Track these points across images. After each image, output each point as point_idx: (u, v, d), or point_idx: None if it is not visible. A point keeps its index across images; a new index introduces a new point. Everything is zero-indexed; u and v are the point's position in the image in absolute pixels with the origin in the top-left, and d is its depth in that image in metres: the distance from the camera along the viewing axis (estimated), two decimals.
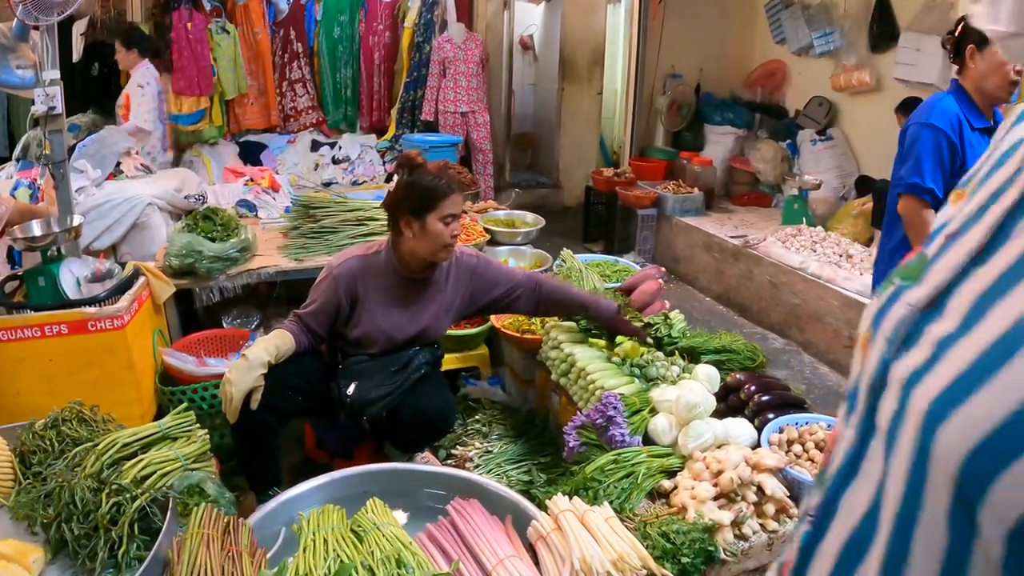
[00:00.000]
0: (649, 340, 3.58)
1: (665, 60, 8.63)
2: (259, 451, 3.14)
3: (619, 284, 4.16)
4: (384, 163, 8.01)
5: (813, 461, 2.82)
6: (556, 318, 3.78)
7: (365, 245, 3.41)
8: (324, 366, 3.36)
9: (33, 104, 3.77)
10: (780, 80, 8.40)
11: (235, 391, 2.92)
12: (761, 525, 2.58)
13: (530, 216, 5.54)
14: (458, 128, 8.11)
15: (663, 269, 4.20)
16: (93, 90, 7.28)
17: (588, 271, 4.40)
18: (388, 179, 3.14)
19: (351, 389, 3.19)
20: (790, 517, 2.64)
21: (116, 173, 5.69)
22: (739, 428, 2.93)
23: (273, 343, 3.11)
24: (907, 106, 6.03)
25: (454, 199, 3.15)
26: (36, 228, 3.77)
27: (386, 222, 3.27)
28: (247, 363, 2.98)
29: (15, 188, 5.46)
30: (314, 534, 2.11)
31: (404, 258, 3.26)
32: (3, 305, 3.60)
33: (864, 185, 6.70)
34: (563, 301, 3.59)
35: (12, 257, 4.71)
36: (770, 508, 2.59)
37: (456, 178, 3.23)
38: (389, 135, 8.32)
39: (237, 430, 3.07)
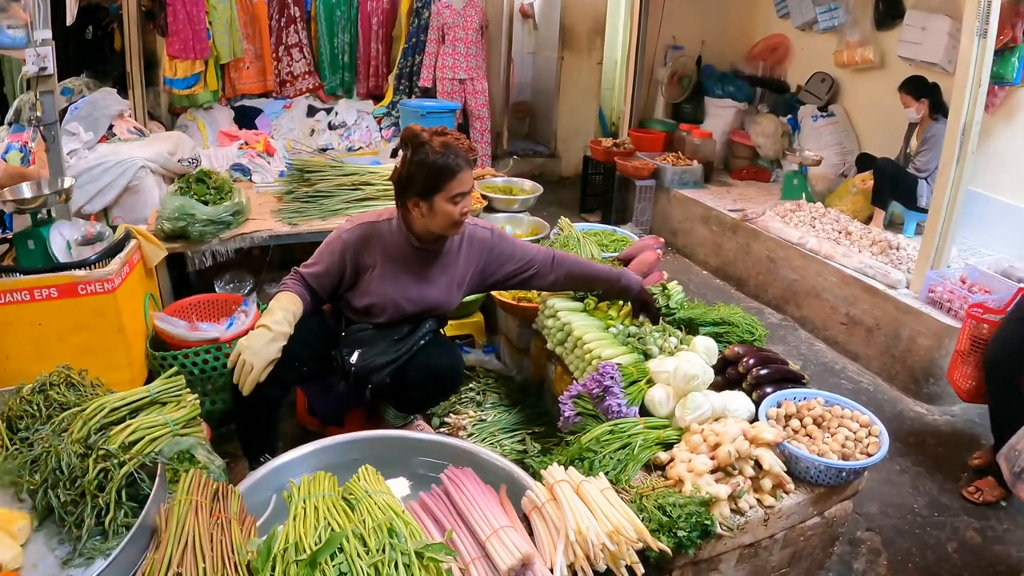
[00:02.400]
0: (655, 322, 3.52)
1: (667, 31, 8.56)
2: (261, 422, 3.09)
3: (617, 254, 4.13)
4: (380, 129, 7.94)
5: (811, 437, 2.79)
6: None
7: (376, 211, 3.30)
8: (326, 331, 3.29)
9: (24, 65, 3.71)
10: (782, 55, 8.32)
11: (258, 362, 2.84)
12: (758, 500, 2.55)
13: (528, 183, 5.49)
14: (456, 95, 8.03)
15: (662, 240, 4.16)
16: (86, 54, 7.17)
17: (586, 240, 4.36)
18: (394, 154, 2.99)
19: (355, 357, 3.16)
20: (786, 492, 2.61)
21: (109, 136, 5.63)
22: (737, 401, 2.90)
23: (291, 311, 3.02)
24: (910, 85, 5.98)
25: (462, 177, 3.00)
26: (26, 190, 3.71)
27: (392, 197, 3.19)
28: (271, 334, 2.90)
29: (6, 151, 5.40)
30: (305, 502, 2.07)
31: (415, 230, 3.15)
32: None
33: (865, 162, 6.64)
34: (582, 276, 3.50)
35: (2, 220, 4.66)
36: (767, 483, 2.56)
37: (464, 153, 3.03)
38: (386, 101, 8.24)
39: (240, 401, 2.98)
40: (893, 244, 5.47)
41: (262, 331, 2.90)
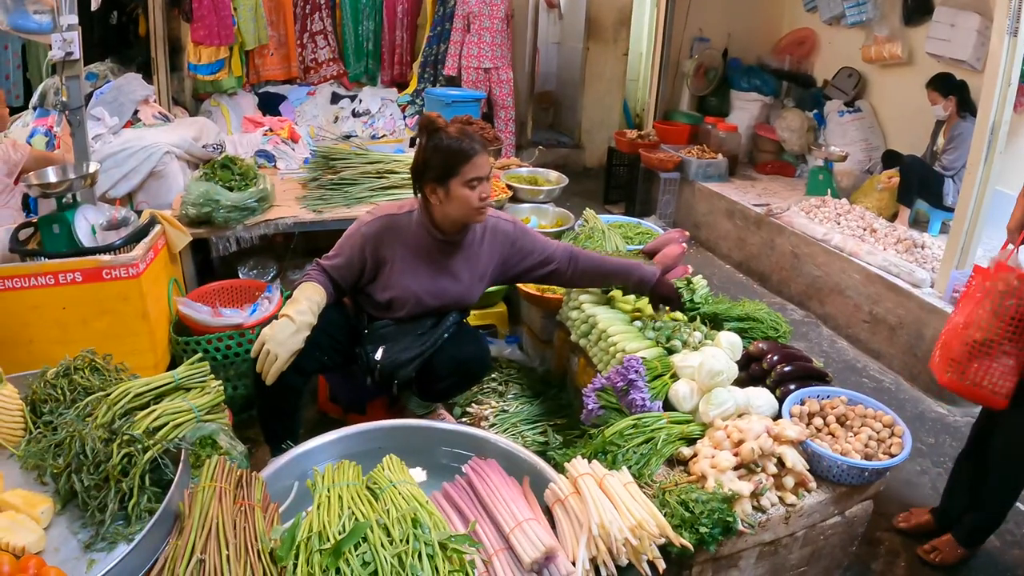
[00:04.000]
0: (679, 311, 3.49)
1: (693, 23, 8.51)
2: (283, 411, 3.10)
3: (642, 246, 4.11)
4: (405, 117, 7.93)
5: (833, 435, 2.78)
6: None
7: (398, 203, 3.26)
8: (347, 321, 3.29)
9: (50, 50, 3.72)
10: (809, 48, 8.26)
11: (282, 352, 2.84)
12: (780, 498, 2.54)
13: (553, 174, 5.46)
14: (481, 84, 8.00)
15: (687, 233, 4.13)
16: (111, 39, 7.20)
17: (610, 232, 4.34)
18: (412, 143, 2.99)
19: (379, 354, 3.14)
20: (808, 491, 2.60)
21: (134, 121, 5.66)
22: (761, 398, 2.88)
23: (315, 301, 3.02)
24: (938, 82, 5.92)
25: (477, 161, 2.97)
26: (51, 175, 3.73)
27: (411, 186, 3.17)
28: (294, 325, 2.89)
29: (31, 136, 5.44)
30: (329, 490, 2.07)
31: (436, 220, 3.12)
32: (17, 252, 3.57)
33: (891, 159, 6.58)
34: (598, 272, 3.45)
35: (27, 205, 4.68)
36: (789, 481, 2.54)
37: (479, 138, 3.04)
38: (410, 89, 8.22)
39: (262, 389, 2.98)
40: (918, 242, 5.43)
41: (285, 321, 2.90)
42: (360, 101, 8.04)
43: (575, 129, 10.03)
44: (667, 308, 3.46)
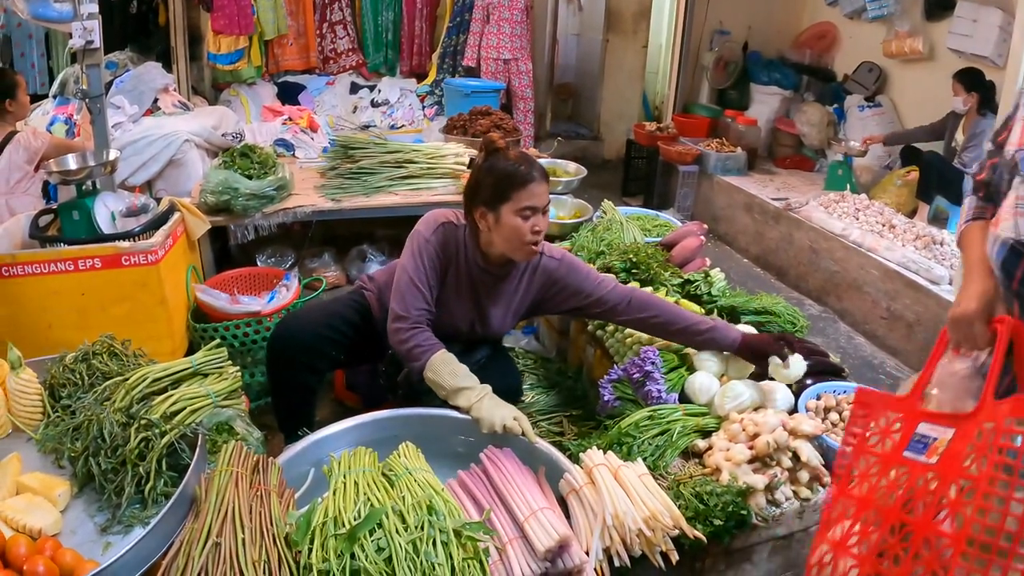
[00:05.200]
0: (786, 354, 2.92)
1: (713, 16, 8.49)
2: (297, 407, 3.08)
3: (660, 239, 4.10)
4: (423, 108, 7.93)
5: None
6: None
7: (455, 211, 3.00)
8: (362, 318, 3.13)
9: (70, 39, 3.74)
10: (830, 43, 8.23)
11: (508, 420, 2.55)
12: (794, 492, 2.53)
13: (572, 166, 5.45)
14: (500, 75, 7.98)
15: (705, 226, 4.13)
16: (131, 28, 7.24)
17: (629, 224, 4.33)
18: (470, 165, 2.74)
19: (403, 376, 3.07)
20: (823, 486, 2.59)
21: (153, 110, 5.69)
22: (778, 392, 2.87)
23: (454, 364, 2.73)
24: (965, 76, 5.89)
25: (533, 189, 2.72)
26: (72, 162, 3.76)
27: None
28: (480, 394, 2.64)
29: (51, 123, 5.48)
30: (345, 476, 2.08)
31: (482, 248, 2.91)
32: (37, 239, 3.60)
33: (910, 155, 6.54)
34: (665, 326, 3.01)
35: (47, 192, 4.72)
36: (804, 475, 2.53)
37: (540, 165, 2.78)
38: (429, 80, 8.24)
39: (277, 387, 3.00)
40: (937, 239, 5.39)
41: (476, 405, 2.62)
42: (379, 91, 8.06)
43: (594, 121, 10.00)
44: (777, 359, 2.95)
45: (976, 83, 5.81)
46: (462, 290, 2.97)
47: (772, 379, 2.91)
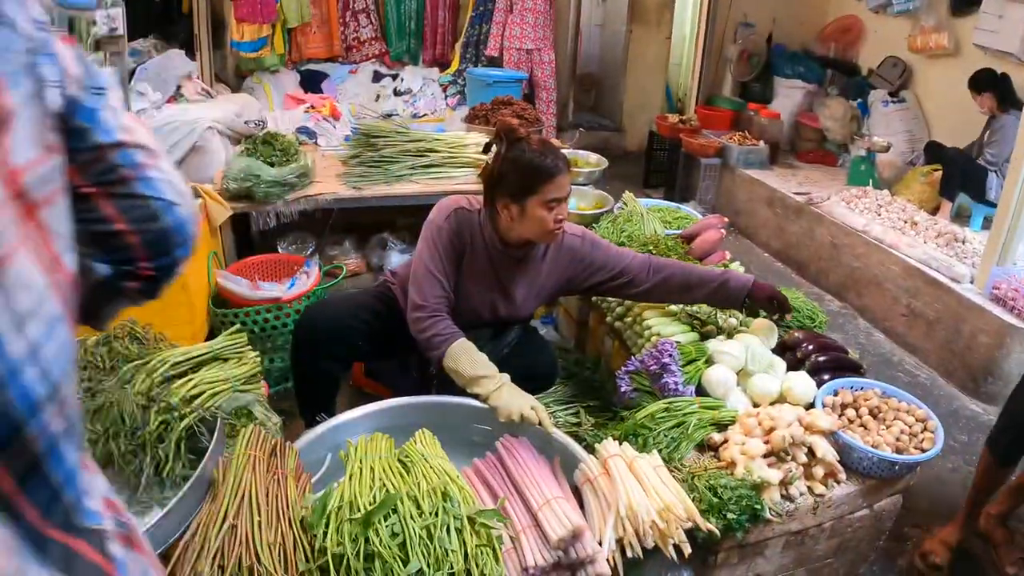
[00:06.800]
0: (786, 315, 3.15)
1: (737, 8, 8.44)
2: (319, 395, 3.10)
3: (680, 231, 4.10)
4: (446, 97, 7.94)
5: (865, 427, 2.75)
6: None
7: (467, 196, 3.00)
8: (387, 309, 3.13)
9: (94, 26, 3.76)
10: (855, 37, 8.16)
11: (526, 409, 2.56)
12: (809, 487, 2.53)
13: (594, 156, 5.44)
14: (522, 65, 7.97)
15: (726, 219, 4.12)
16: (154, 15, 7.27)
17: (649, 215, 4.33)
18: (485, 150, 2.69)
19: (434, 367, 3.00)
20: (838, 482, 2.59)
21: (176, 97, 5.71)
22: (801, 383, 2.87)
23: (473, 352, 2.75)
24: (972, 80, 5.84)
25: (560, 181, 2.72)
26: None
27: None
28: (499, 382, 2.65)
29: None
30: (361, 462, 2.10)
31: (501, 233, 2.90)
32: None
33: (934, 151, 6.49)
34: (686, 280, 3.09)
35: None
36: (819, 471, 2.53)
37: (563, 154, 2.78)
38: (452, 69, 8.24)
39: (299, 374, 3.02)
40: (959, 237, 5.35)
41: (495, 393, 2.63)
42: (401, 80, 8.06)
43: (616, 112, 9.97)
44: (776, 315, 3.17)
45: (986, 83, 5.77)
46: (481, 274, 2.97)
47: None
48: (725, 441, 2.64)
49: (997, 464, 3.11)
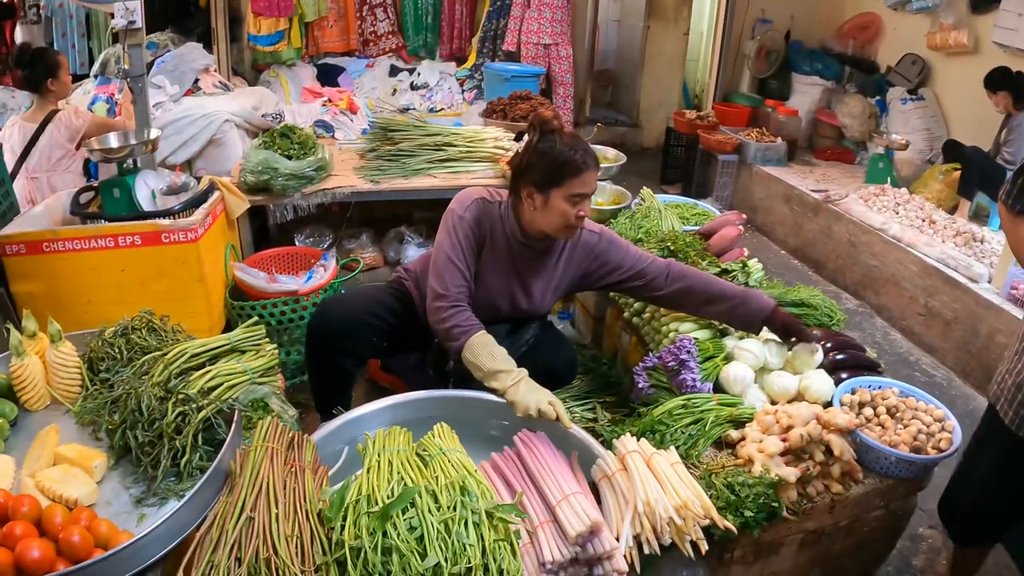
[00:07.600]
0: (817, 346, 3.02)
1: (756, 4, 8.42)
2: (335, 389, 3.10)
3: (698, 227, 4.08)
4: (463, 91, 7.93)
5: (883, 427, 2.73)
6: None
7: (488, 189, 3.01)
8: (404, 308, 3.15)
9: (113, 19, 3.78)
10: (873, 34, 8.11)
11: (543, 404, 2.55)
12: (826, 486, 2.52)
13: (611, 152, 5.42)
14: (540, 60, 7.96)
15: (743, 216, 4.10)
16: (172, 9, 7.30)
17: (667, 212, 4.31)
18: (518, 138, 2.71)
19: (452, 364, 3.03)
20: (855, 481, 2.57)
21: (194, 90, 5.72)
22: (820, 380, 2.85)
23: (492, 346, 2.74)
24: (987, 79, 5.80)
25: (586, 177, 2.73)
26: (113, 140, 3.81)
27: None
28: (516, 377, 2.65)
29: (92, 103, 5.54)
30: (379, 455, 2.09)
31: (522, 224, 2.91)
32: (78, 215, 3.65)
33: (952, 150, 6.44)
34: (702, 293, 3.04)
35: (88, 170, 4.78)
36: (836, 469, 2.52)
37: (592, 151, 2.78)
38: (469, 63, 8.23)
39: (315, 369, 3.02)
40: (977, 236, 5.32)
41: (512, 389, 2.63)
42: (418, 74, 8.06)
43: (633, 108, 9.95)
44: (796, 342, 3.03)
45: (1001, 81, 5.74)
46: (501, 265, 2.97)
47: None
48: (742, 438, 2.63)
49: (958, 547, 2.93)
